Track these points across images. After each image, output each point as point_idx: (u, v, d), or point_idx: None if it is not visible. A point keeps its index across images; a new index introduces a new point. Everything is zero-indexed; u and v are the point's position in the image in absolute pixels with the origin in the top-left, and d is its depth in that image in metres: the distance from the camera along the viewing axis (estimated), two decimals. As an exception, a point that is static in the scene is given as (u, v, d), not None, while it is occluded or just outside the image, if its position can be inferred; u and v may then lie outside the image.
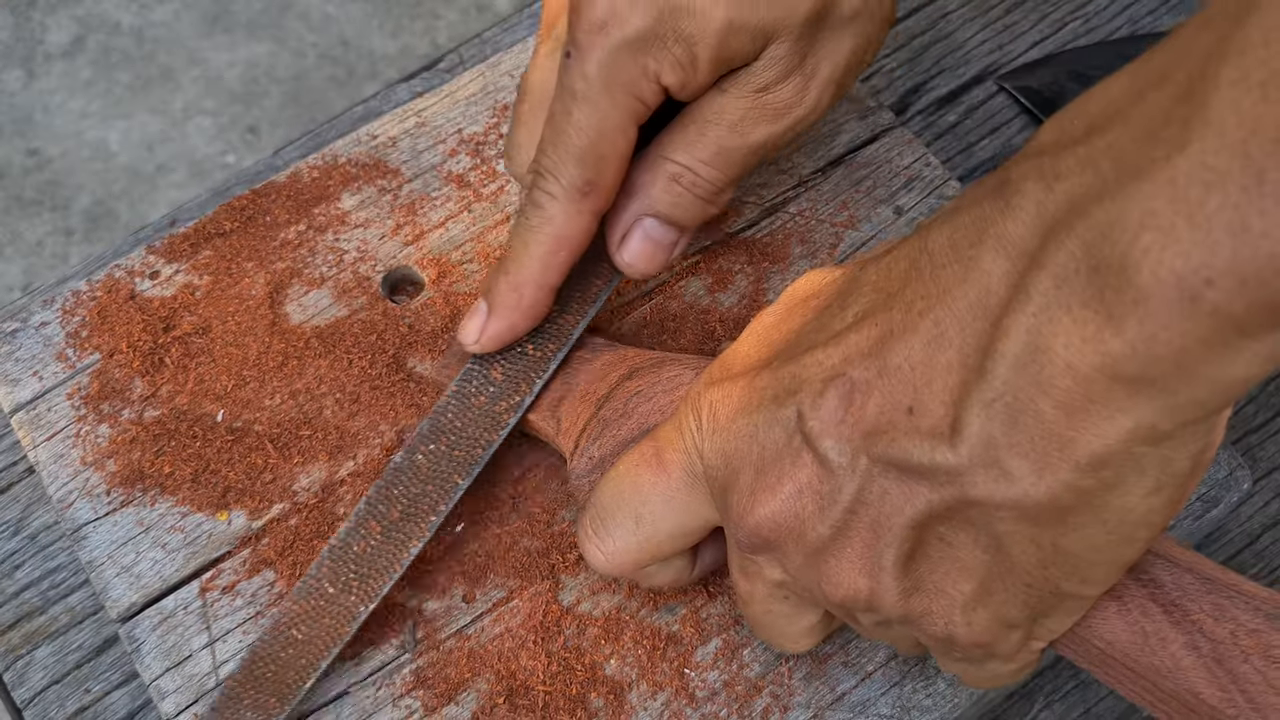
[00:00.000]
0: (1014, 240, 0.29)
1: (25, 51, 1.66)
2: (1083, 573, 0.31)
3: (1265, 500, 0.50)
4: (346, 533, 0.44)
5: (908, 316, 0.31)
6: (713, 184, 0.43)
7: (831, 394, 0.32)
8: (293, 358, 0.49)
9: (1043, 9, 0.63)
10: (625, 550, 0.39)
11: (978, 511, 0.30)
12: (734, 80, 0.42)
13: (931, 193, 0.52)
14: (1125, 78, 0.28)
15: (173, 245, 0.52)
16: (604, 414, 0.43)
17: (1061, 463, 0.28)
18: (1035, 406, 0.28)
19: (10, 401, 0.49)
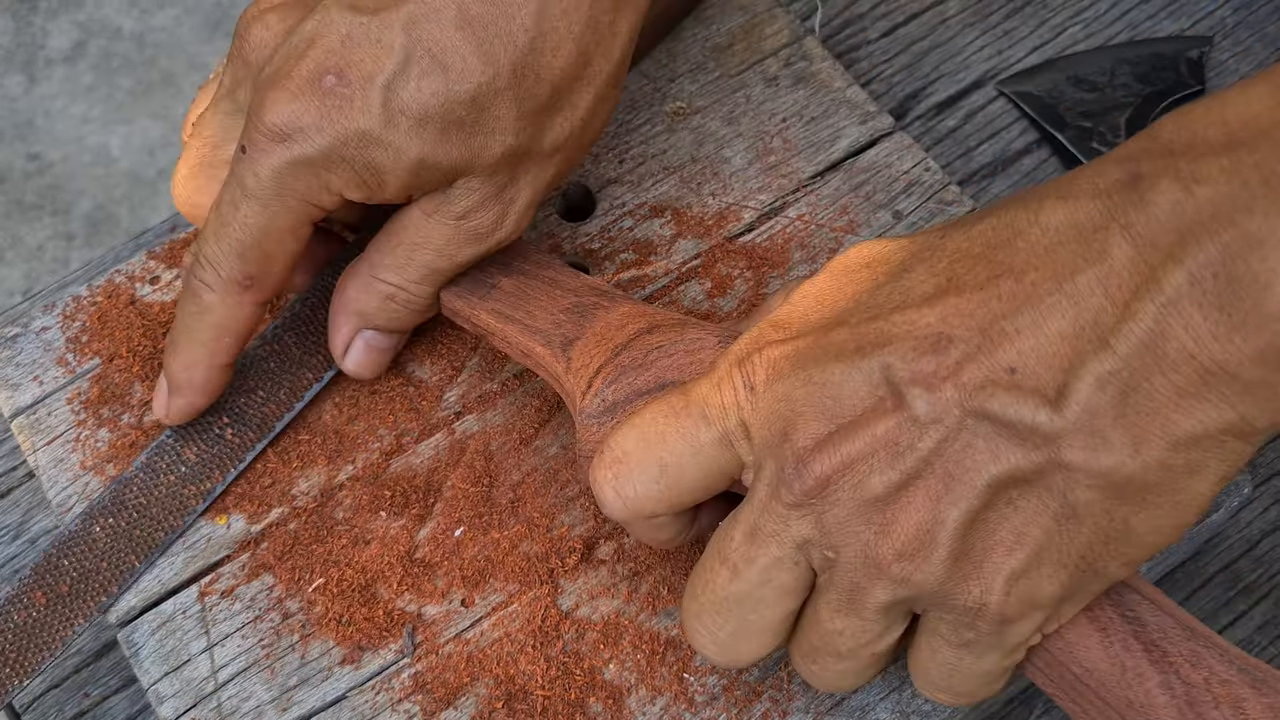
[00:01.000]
0: (1145, 233, 0.30)
1: (26, 56, 1.66)
2: (1130, 553, 0.33)
3: (1264, 506, 0.50)
4: (7, 599, 0.43)
5: (1018, 285, 0.32)
6: (425, 299, 0.45)
7: (927, 348, 0.33)
8: (292, 362, 0.49)
9: (1042, 14, 0.63)
10: (644, 497, 0.38)
11: (1063, 477, 0.31)
12: (435, 206, 0.43)
13: (931, 197, 0.52)
14: (1267, 93, 0.30)
15: (173, 251, 0.52)
16: (621, 360, 0.42)
17: (1159, 439, 0.31)
18: (1149, 385, 0.30)
19: (10, 406, 0.49)
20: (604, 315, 0.44)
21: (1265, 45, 0.62)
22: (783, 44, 0.56)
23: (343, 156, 0.40)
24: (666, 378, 0.41)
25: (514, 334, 0.44)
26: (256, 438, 0.46)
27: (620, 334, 0.43)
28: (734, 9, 0.57)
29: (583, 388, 0.42)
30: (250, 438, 0.46)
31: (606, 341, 0.43)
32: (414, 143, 0.40)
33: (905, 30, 0.63)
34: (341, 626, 0.44)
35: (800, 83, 0.55)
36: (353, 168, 0.40)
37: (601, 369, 0.42)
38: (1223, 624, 0.48)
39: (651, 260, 0.51)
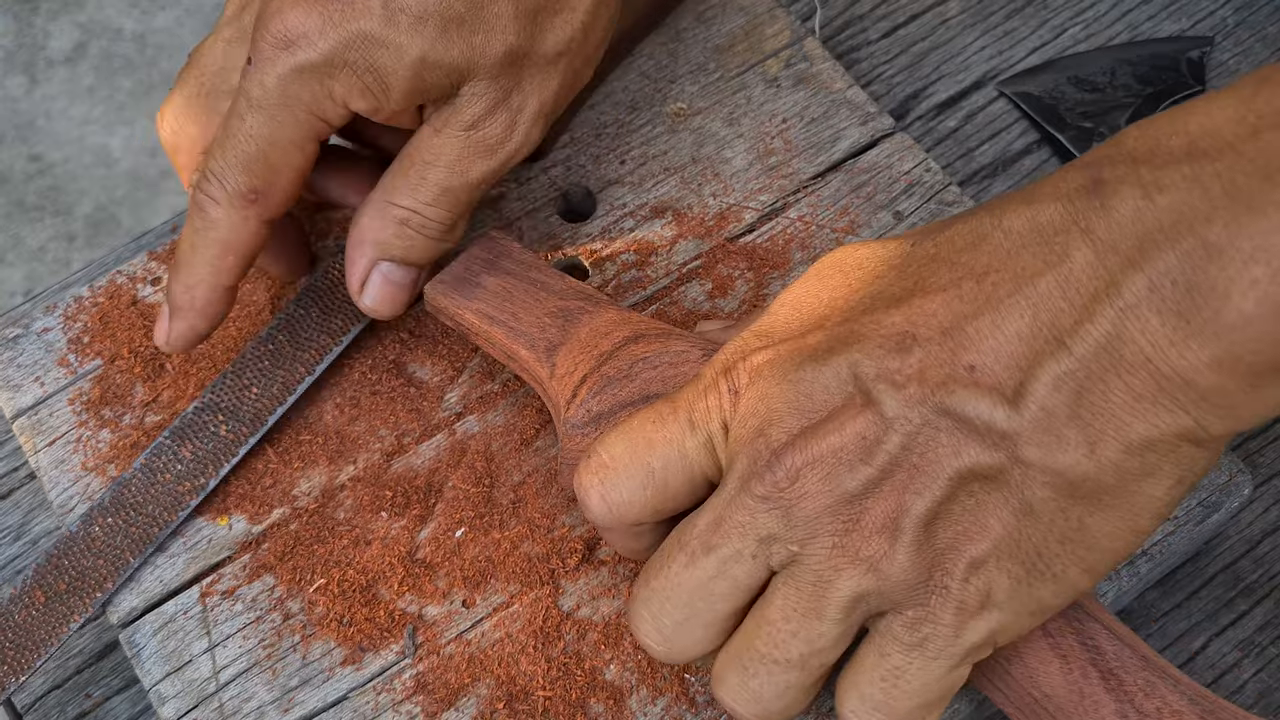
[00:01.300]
0: (1105, 238, 0.31)
1: (28, 58, 1.66)
2: (1087, 557, 0.33)
3: (1265, 506, 0.50)
4: (11, 600, 0.44)
5: (980, 286, 0.33)
6: (441, 223, 0.44)
7: (893, 347, 0.33)
8: (293, 363, 0.49)
9: (1042, 15, 0.63)
10: (631, 503, 0.38)
11: (1020, 473, 0.32)
12: (444, 119, 0.43)
13: (931, 198, 0.52)
14: (1230, 105, 0.30)
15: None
16: (606, 370, 0.42)
17: (1114, 441, 0.31)
18: (1105, 387, 0.31)
19: (12, 407, 0.49)
20: (589, 321, 0.44)
21: (1266, 45, 0.62)
22: (783, 45, 0.56)
23: (346, 60, 0.40)
24: (651, 390, 0.41)
25: (498, 336, 0.45)
26: (250, 432, 0.47)
27: (605, 341, 0.43)
28: (734, 10, 0.57)
29: (567, 396, 0.43)
30: (243, 432, 0.46)
31: (591, 349, 0.43)
32: (415, 40, 0.40)
33: (906, 31, 0.63)
34: (343, 627, 0.44)
35: (801, 84, 0.55)
36: (355, 72, 0.40)
37: (586, 378, 0.42)
38: (1224, 624, 0.48)
39: (652, 261, 0.51)
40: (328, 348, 0.47)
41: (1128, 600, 0.47)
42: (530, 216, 0.52)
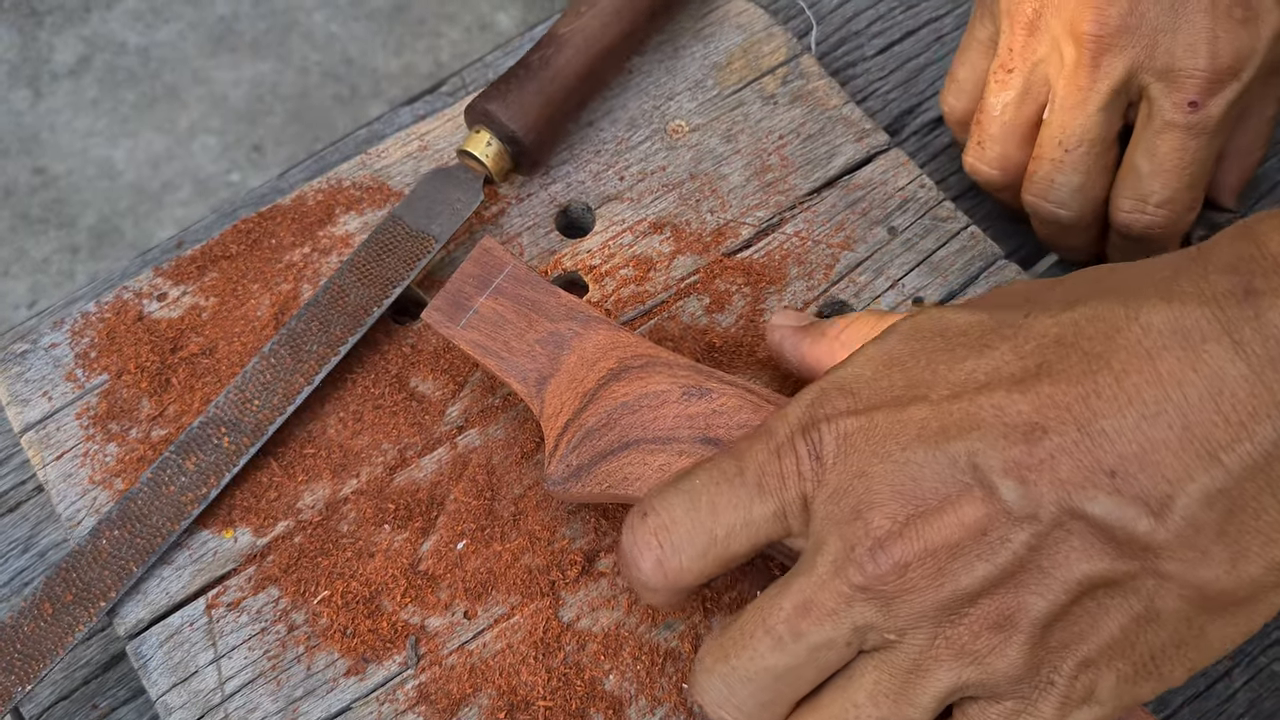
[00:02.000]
0: (1262, 352, 0.30)
1: (32, 71, 1.67)
2: (1195, 659, 0.33)
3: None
4: (20, 612, 0.45)
5: (1120, 387, 0.31)
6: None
7: (1019, 438, 0.32)
8: (297, 378, 0.50)
9: (1036, 31, 0.64)
10: (689, 571, 0.36)
11: (1155, 583, 0.31)
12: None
13: (925, 214, 0.53)
14: None
15: (180, 267, 0.52)
16: (585, 419, 0.43)
17: (1259, 558, 0.31)
18: (1258, 505, 0.30)
19: (20, 421, 0.49)
20: (578, 346, 0.45)
21: (1256, 61, 0.62)
22: (780, 62, 0.57)
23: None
24: (630, 437, 0.42)
25: (491, 367, 0.45)
26: (251, 442, 0.47)
27: (590, 375, 0.44)
28: (732, 28, 0.58)
29: (550, 445, 0.43)
30: (244, 443, 0.47)
31: (576, 385, 0.44)
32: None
33: (900, 47, 0.64)
34: (346, 638, 0.45)
35: (797, 100, 0.56)
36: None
37: (569, 425, 0.43)
38: (1215, 634, 0.49)
39: (651, 276, 0.52)
40: (326, 358, 0.48)
41: (1120, 610, 0.48)
42: (530, 232, 0.53)
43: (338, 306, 0.49)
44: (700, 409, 0.42)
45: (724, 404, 0.42)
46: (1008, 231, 0.58)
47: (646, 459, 0.42)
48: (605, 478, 0.42)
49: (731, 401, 0.42)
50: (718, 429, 0.42)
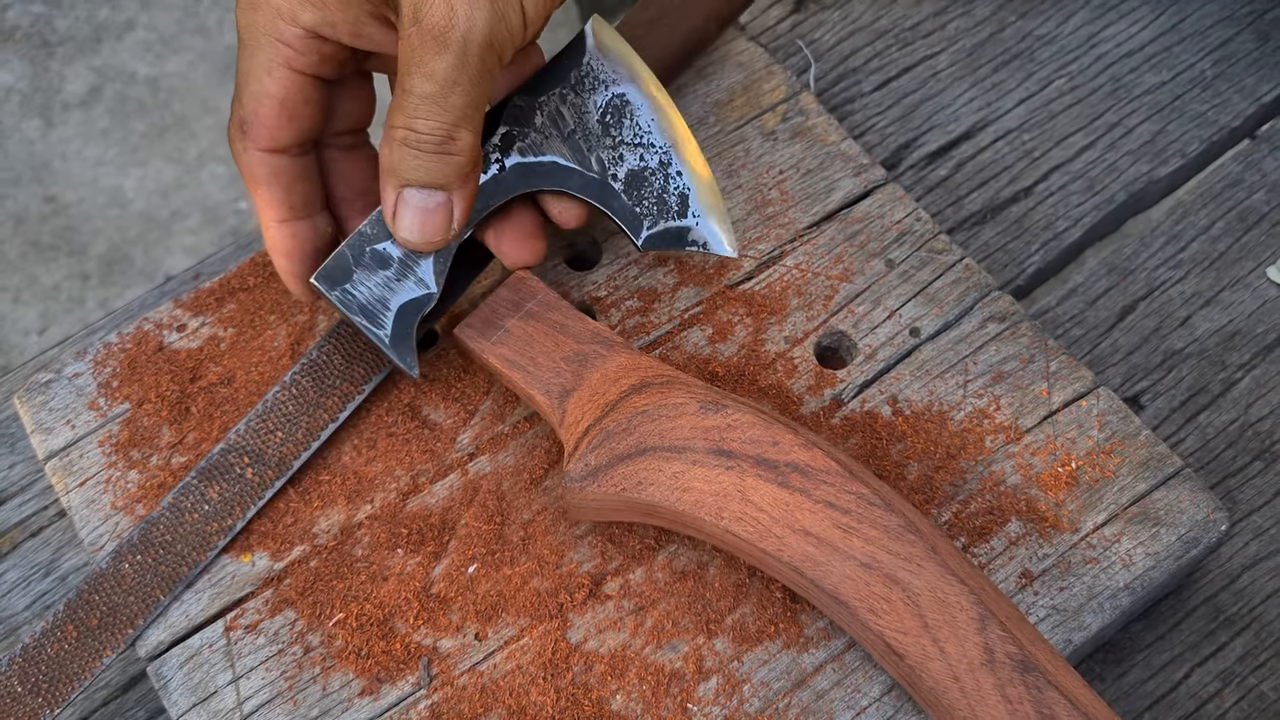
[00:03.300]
0: None
1: (44, 101, 1.70)
2: None
3: (1244, 541, 0.52)
4: (43, 634, 0.46)
5: None
6: (433, 134, 0.43)
7: None
8: (313, 406, 0.51)
9: (1028, 68, 0.66)
10: None
11: None
12: (400, 24, 0.43)
13: (921, 246, 0.55)
14: None
15: (199, 299, 0.54)
16: (607, 423, 0.45)
17: None
18: None
19: (44, 449, 0.51)
20: (601, 366, 0.47)
21: (1244, 97, 0.64)
22: (780, 99, 0.59)
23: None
24: (647, 443, 0.45)
25: (518, 381, 0.48)
26: (275, 476, 0.49)
27: (613, 389, 0.46)
28: (733, 66, 0.60)
29: (570, 447, 0.46)
30: (269, 476, 0.49)
31: (599, 398, 0.46)
32: None
33: (898, 83, 0.65)
34: (360, 659, 0.46)
35: (797, 137, 0.58)
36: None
37: (589, 430, 0.45)
38: (1205, 655, 0.50)
39: (655, 307, 0.53)
40: (351, 395, 0.50)
41: (1112, 632, 0.49)
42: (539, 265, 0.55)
43: (360, 340, 0.51)
44: (715, 422, 0.44)
45: (738, 419, 0.44)
46: (1001, 263, 0.60)
47: (661, 465, 0.44)
48: (621, 479, 0.44)
49: (746, 418, 0.44)
50: (731, 442, 0.44)
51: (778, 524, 0.43)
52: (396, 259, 0.47)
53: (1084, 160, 0.63)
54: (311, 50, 0.45)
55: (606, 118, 0.49)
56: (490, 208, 0.48)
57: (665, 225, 0.50)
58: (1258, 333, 0.57)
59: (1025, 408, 0.50)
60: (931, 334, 0.52)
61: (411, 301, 0.47)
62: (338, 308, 0.47)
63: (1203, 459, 0.54)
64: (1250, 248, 0.60)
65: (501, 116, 0.49)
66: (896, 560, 0.42)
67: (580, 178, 0.49)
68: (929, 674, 0.41)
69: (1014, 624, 0.41)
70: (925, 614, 0.41)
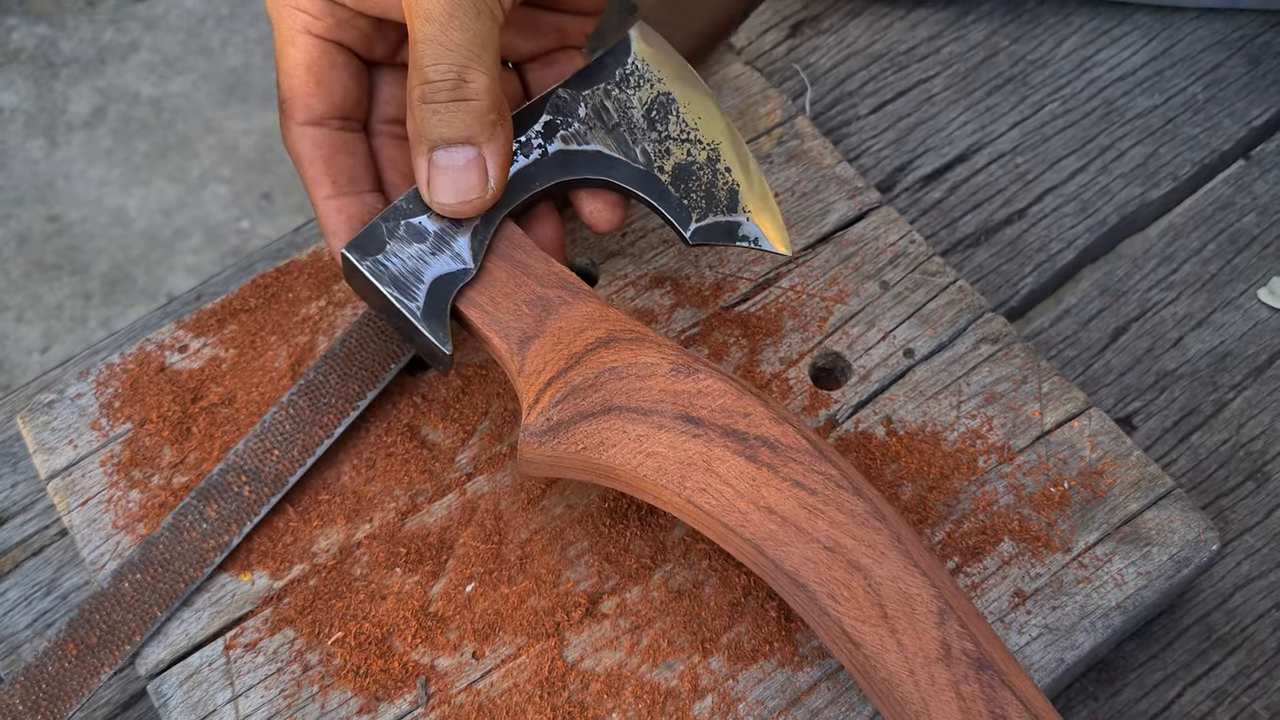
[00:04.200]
0: None
1: (48, 121, 1.71)
2: None
3: (1236, 561, 0.53)
4: (44, 653, 0.46)
5: None
6: (446, 80, 0.43)
7: None
8: (313, 426, 0.52)
9: (1022, 91, 0.66)
10: None
11: None
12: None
13: (916, 268, 0.55)
14: None
15: (200, 320, 0.55)
16: (571, 376, 0.43)
17: None
18: None
19: (46, 468, 0.51)
20: (565, 313, 0.45)
21: (1234, 121, 0.65)
22: (775, 123, 0.60)
23: None
24: (613, 402, 0.43)
25: (476, 319, 0.46)
26: (271, 493, 0.49)
27: (578, 341, 0.44)
28: (730, 90, 0.61)
29: (531, 399, 0.44)
30: (265, 493, 0.49)
31: (561, 347, 0.44)
32: None
33: (893, 106, 0.66)
34: (359, 678, 0.46)
35: (792, 160, 0.58)
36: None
37: (552, 382, 0.43)
38: (1198, 674, 0.50)
39: (652, 328, 0.54)
40: (345, 412, 0.50)
41: (1105, 651, 0.49)
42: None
43: (355, 360, 0.51)
44: (686, 387, 0.43)
45: (709, 385, 0.43)
46: (994, 285, 0.61)
47: (626, 427, 0.43)
48: (583, 438, 0.43)
49: (718, 385, 0.43)
50: (700, 409, 0.42)
51: (742, 499, 0.42)
52: (432, 233, 0.46)
53: (1077, 183, 0.63)
54: (326, 14, 0.45)
55: (652, 113, 0.49)
56: (532, 192, 0.47)
57: (715, 219, 0.48)
58: (1249, 354, 0.58)
59: (1018, 428, 0.51)
60: (925, 355, 0.53)
61: (447, 275, 0.45)
62: (368, 279, 0.45)
63: (1195, 479, 0.55)
64: (1241, 270, 0.60)
65: (545, 106, 0.48)
66: (860, 546, 0.41)
67: (625, 168, 0.48)
68: (884, 665, 0.40)
69: (971, 621, 0.40)
70: (885, 604, 0.40)
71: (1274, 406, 0.56)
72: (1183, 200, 0.64)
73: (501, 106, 0.44)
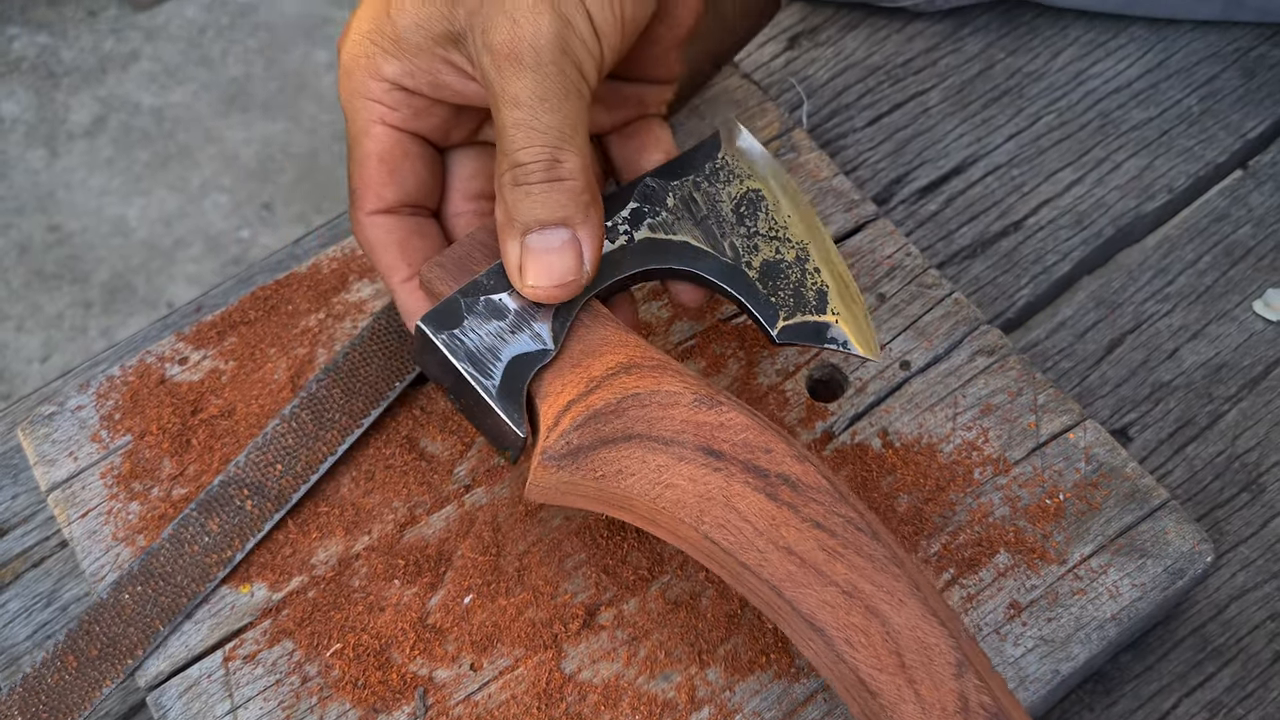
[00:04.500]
0: None
1: (49, 131, 1.72)
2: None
3: (1232, 572, 0.53)
4: (43, 664, 0.46)
5: None
6: (537, 162, 0.42)
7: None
8: (312, 438, 0.52)
9: (1018, 104, 0.67)
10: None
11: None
12: (475, 61, 0.43)
13: (911, 280, 0.56)
14: None
15: (200, 332, 0.55)
16: (593, 400, 0.42)
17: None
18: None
19: (47, 480, 0.52)
20: (584, 335, 0.44)
21: (1229, 133, 0.65)
22: (773, 136, 0.60)
23: (366, 54, 0.45)
24: (635, 430, 0.42)
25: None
26: (274, 508, 0.50)
27: (597, 364, 0.43)
28: (727, 103, 0.61)
29: (550, 422, 0.43)
30: (268, 508, 0.49)
31: (581, 370, 0.43)
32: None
33: (889, 119, 0.67)
34: (357, 689, 0.47)
35: (789, 172, 0.59)
36: (374, 58, 0.45)
37: (572, 405, 0.42)
38: (1192, 686, 0.50)
39: (650, 339, 0.54)
40: (350, 429, 0.51)
41: (1100, 663, 0.50)
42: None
43: (359, 375, 0.51)
44: (708, 419, 0.42)
45: (732, 419, 0.42)
46: (991, 297, 0.61)
47: (646, 457, 0.42)
48: (602, 465, 0.42)
49: (740, 419, 0.42)
50: (721, 442, 0.42)
51: (761, 537, 0.41)
52: (513, 310, 0.44)
53: (1073, 195, 0.64)
54: (402, 104, 0.45)
55: (741, 208, 0.48)
56: (617, 278, 0.46)
57: (803, 318, 0.47)
58: (1244, 365, 0.58)
59: (1013, 440, 0.51)
60: (921, 367, 0.53)
61: (525, 355, 0.43)
62: (442, 353, 0.43)
63: (1190, 490, 0.55)
64: (1236, 281, 0.61)
65: (633, 194, 0.47)
66: (879, 593, 0.40)
67: (713, 261, 0.47)
68: (900, 715, 0.39)
69: (988, 674, 0.40)
70: (903, 653, 0.39)
71: (1269, 418, 0.57)
72: (1178, 212, 0.64)
73: (594, 187, 0.43)
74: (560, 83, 0.41)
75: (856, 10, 0.70)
